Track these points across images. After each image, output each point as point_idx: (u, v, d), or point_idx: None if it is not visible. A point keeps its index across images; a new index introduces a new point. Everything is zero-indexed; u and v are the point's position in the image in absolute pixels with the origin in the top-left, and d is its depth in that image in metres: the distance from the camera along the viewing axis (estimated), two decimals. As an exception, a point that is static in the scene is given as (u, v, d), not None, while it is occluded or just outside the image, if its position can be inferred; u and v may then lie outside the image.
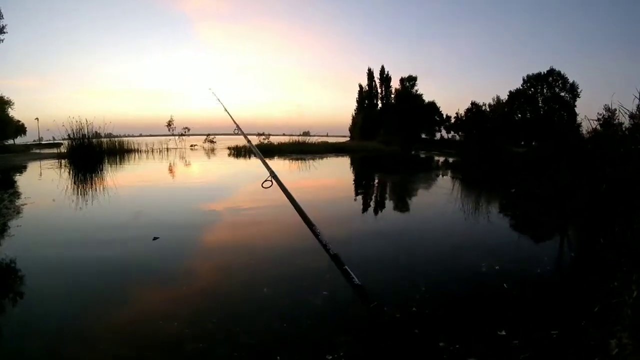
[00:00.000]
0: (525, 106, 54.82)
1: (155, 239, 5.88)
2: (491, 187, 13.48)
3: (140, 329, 3.27)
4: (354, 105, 69.86)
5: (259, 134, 38.58)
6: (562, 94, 53.67)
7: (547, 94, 54.07)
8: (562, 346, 2.80)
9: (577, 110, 51.22)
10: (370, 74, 68.50)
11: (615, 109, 9.62)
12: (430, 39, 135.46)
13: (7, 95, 38.10)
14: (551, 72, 54.31)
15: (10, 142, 41.44)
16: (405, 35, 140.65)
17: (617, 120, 9.78)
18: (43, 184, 14.09)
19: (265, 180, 0.95)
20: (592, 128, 10.38)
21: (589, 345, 2.62)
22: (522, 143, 43.55)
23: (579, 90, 53.19)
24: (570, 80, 53.50)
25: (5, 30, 33.41)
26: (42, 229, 6.89)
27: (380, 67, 68.30)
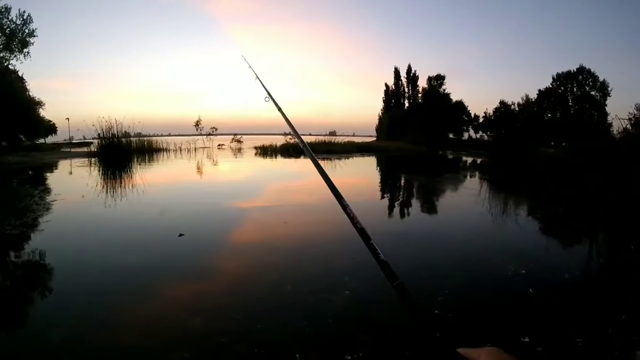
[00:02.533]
0: (555, 105, 53.54)
1: (180, 235, 5.98)
2: (519, 189, 13.23)
3: (164, 322, 3.34)
4: (381, 104, 69.54)
5: (285, 134, 38.71)
6: (592, 92, 52.13)
7: (577, 93, 52.63)
8: (586, 355, 2.73)
9: (607, 109, 49.77)
10: (396, 73, 68.01)
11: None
12: (459, 37, 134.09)
13: (38, 96, 39.15)
14: (581, 70, 52.83)
15: (42, 141, 42.56)
16: (433, 34, 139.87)
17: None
18: (73, 181, 14.48)
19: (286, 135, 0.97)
20: (623, 128, 10.12)
21: (614, 355, 2.56)
22: (552, 143, 42.61)
23: (609, 89, 51.59)
24: (601, 79, 51.96)
25: (35, 33, 34.34)
26: (70, 225, 7.09)
27: (407, 66, 67.73)
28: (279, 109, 1.52)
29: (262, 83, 1.79)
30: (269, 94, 1.67)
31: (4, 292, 4.19)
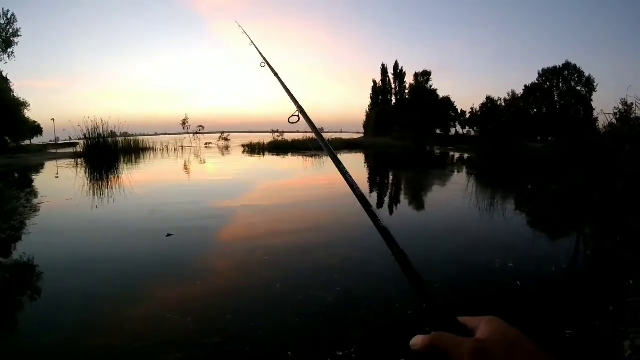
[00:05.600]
0: (541, 100, 54.04)
1: (169, 235, 5.95)
2: (506, 183, 13.34)
3: (156, 322, 3.32)
4: (368, 101, 69.63)
5: (273, 132, 38.61)
6: (578, 87, 52.72)
7: (563, 88, 53.18)
8: (575, 346, 2.77)
9: (593, 104, 50.44)
10: (384, 70, 68.13)
11: (632, 103, 9.46)
12: (445, 33, 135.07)
13: (23, 96, 38.58)
14: (567, 65, 53.39)
15: (27, 142, 41.99)
16: (419, 30, 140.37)
17: (634, 114, 9.62)
18: (59, 182, 14.31)
19: (292, 116, 0.95)
20: (609, 122, 10.23)
21: (602, 346, 2.59)
22: (539, 138, 42.99)
23: (595, 84, 52.24)
24: (586, 74, 52.63)
25: (19, 33, 33.90)
26: (57, 227, 7.00)
27: (394, 62, 67.95)
28: (275, 75, 1.49)
29: (257, 48, 1.77)
30: (264, 59, 1.64)
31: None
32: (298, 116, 1.20)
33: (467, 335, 0.48)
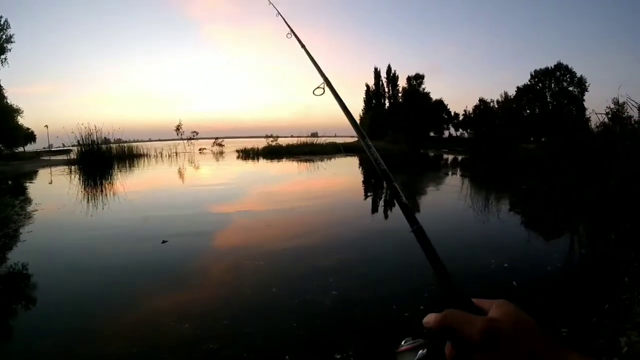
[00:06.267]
0: (534, 102, 54.32)
1: (164, 242, 5.93)
2: (500, 184, 13.40)
3: (152, 329, 3.30)
4: (362, 105, 69.79)
5: (267, 136, 38.56)
6: (570, 88, 53.01)
7: (555, 89, 53.48)
8: (571, 345, 2.77)
9: (585, 104, 50.68)
10: (376, 74, 68.33)
11: (624, 102, 9.53)
12: (437, 37, 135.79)
13: (16, 103, 38.41)
14: (559, 66, 53.71)
15: (20, 149, 41.82)
16: (411, 34, 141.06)
17: (625, 114, 9.69)
18: (53, 190, 14.24)
19: (317, 88, 0.95)
20: (601, 122, 10.30)
21: (599, 343, 2.60)
22: (532, 139, 43.21)
23: (587, 84, 52.55)
24: (578, 75, 52.97)
25: (12, 39, 33.81)
26: (52, 235, 6.96)
27: (387, 66, 68.20)
28: (302, 46, 1.45)
29: (284, 19, 1.72)
30: (292, 30, 1.59)
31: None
32: (323, 88, 1.19)
33: (480, 315, 0.49)
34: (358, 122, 1.01)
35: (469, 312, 0.50)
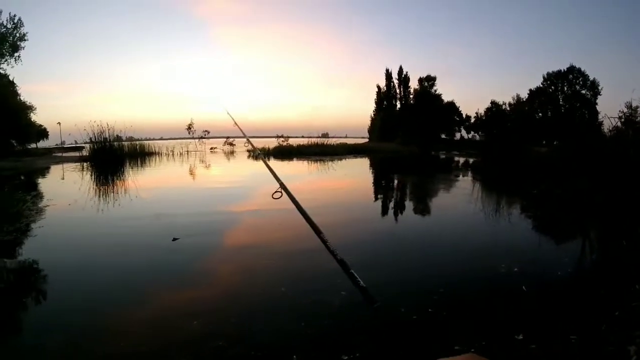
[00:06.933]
0: (546, 105, 53.88)
1: (174, 239, 5.97)
2: (512, 188, 13.32)
3: (161, 326, 3.34)
4: (373, 106, 69.48)
5: (278, 137, 38.61)
6: (583, 91, 52.46)
7: (568, 92, 52.95)
8: (580, 352, 2.76)
9: (598, 108, 50.05)
10: (388, 75, 67.99)
11: (637, 106, 9.44)
12: (449, 38, 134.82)
13: (29, 100, 38.85)
14: (571, 69, 53.15)
15: (33, 146, 42.24)
16: (423, 36, 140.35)
17: (639, 118, 9.59)
18: (65, 186, 14.39)
19: (275, 192, 1.01)
20: (614, 126, 10.20)
21: (608, 351, 2.59)
22: (544, 142, 42.83)
23: (599, 88, 51.90)
24: (591, 78, 52.35)
25: (26, 37, 34.19)
26: (63, 231, 7.05)
27: (399, 67, 67.73)
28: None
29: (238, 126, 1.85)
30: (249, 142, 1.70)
31: (-2, 298, 4.17)
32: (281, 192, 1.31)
33: None
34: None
35: None
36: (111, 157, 24.53)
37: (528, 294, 3.95)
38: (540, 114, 54.79)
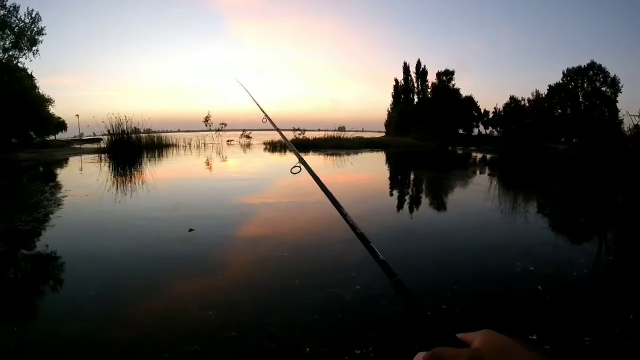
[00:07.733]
0: (566, 101, 52.98)
1: (191, 230, 6.04)
2: (529, 186, 13.17)
3: (175, 315, 3.40)
4: (390, 100, 68.96)
5: (294, 129, 38.66)
6: (603, 88, 51.23)
7: (588, 89, 51.87)
8: (593, 354, 2.74)
9: (618, 105, 49.06)
10: (406, 68, 67.39)
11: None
12: (467, 32, 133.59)
13: (47, 93, 39.41)
14: (592, 65, 51.99)
15: (52, 137, 42.89)
16: (442, 29, 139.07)
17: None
18: (83, 177, 14.61)
19: (294, 166, 1.03)
20: (634, 124, 10.02)
21: (621, 354, 2.56)
22: (563, 140, 42.27)
23: (620, 85, 50.68)
24: (612, 74, 51.25)
25: (44, 32, 34.63)
26: (80, 220, 7.19)
27: (417, 61, 67.07)
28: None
29: (258, 105, 1.86)
30: (266, 115, 1.73)
31: (16, 286, 4.28)
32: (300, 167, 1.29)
33: (465, 347, 0.54)
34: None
35: (455, 346, 0.54)
36: (129, 148, 24.83)
37: (543, 293, 3.92)
38: (559, 111, 53.91)
